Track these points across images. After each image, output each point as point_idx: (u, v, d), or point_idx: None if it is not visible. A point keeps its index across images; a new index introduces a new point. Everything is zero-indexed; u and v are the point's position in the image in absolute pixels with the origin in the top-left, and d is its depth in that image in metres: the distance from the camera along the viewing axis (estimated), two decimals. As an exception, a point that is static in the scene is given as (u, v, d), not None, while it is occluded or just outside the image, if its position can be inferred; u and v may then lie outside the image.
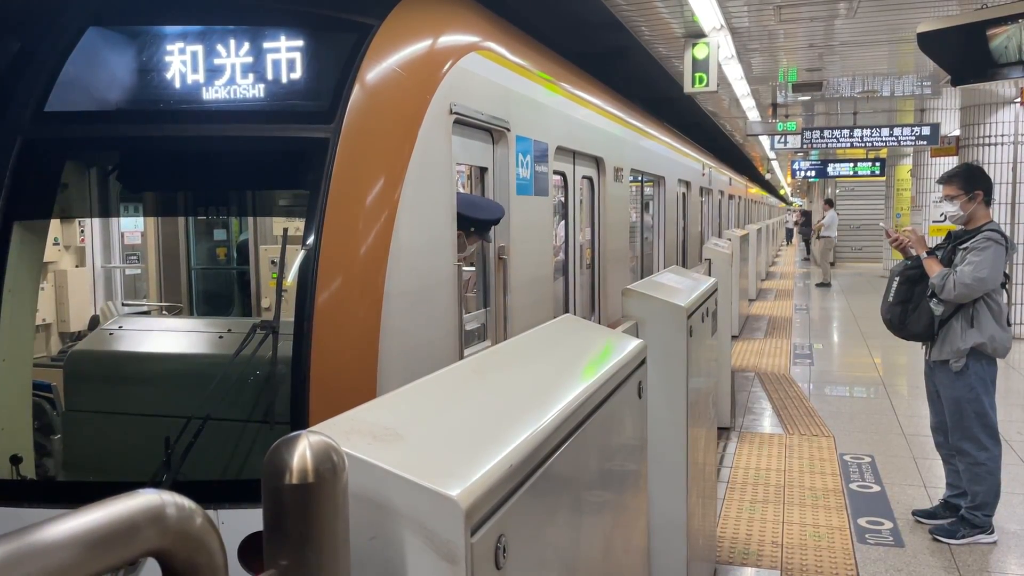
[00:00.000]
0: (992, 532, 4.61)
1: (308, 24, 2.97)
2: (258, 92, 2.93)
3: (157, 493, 0.79)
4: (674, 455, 3.15)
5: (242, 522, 2.45)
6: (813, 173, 20.60)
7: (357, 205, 2.81)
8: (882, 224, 7.11)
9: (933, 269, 4.54)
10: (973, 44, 5.34)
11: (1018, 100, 11.34)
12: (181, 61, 2.97)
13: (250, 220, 5.62)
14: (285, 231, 3.73)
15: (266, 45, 2.94)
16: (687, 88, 8.26)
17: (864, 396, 8.49)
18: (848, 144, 14.90)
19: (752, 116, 14.68)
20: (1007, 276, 4.58)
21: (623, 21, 8.19)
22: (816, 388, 8.79)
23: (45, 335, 5.46)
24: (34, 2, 3.12)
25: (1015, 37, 5.30)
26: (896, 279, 4.74)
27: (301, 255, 2.88)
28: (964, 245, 4.51)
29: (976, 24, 5.22)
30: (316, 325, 2.67)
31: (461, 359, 3.20)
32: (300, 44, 2.93)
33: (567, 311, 5.27)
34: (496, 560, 1.16)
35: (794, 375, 9.35)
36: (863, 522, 4.97)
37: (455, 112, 3.25)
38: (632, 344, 2.29)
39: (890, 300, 4.76)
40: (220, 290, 6.11)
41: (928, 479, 5.67)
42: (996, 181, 11.09)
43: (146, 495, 0.78)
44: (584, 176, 5.64)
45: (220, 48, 2.95)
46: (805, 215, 34.17)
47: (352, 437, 1.13)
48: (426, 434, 1.28)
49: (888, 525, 4.92)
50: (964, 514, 4.64)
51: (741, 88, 11.58)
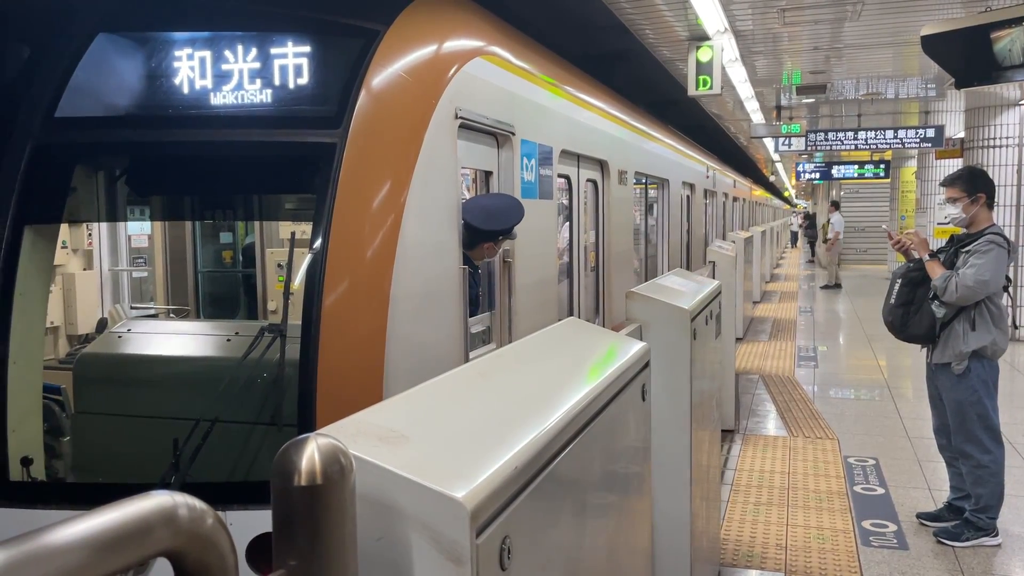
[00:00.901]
0: (996, 535, 4.61)
1: (315, 30, 2.98)
2: (266, 97, 2.94)
3: (169, 494, 0.81)
4: (678, 457, 3.16)
5: (250, 523, 2.45)
6: (817, 175, 20.57)
7: (364, 209, 2.83)
8: (884, 226, 7.14)
9: (935, 271, 4.54)
10: (977, 47, 5.35)
11: (1023, 102, 11.33)
12: (189, 67, 2.97)
13: (256, 224, 5.66)
14: (293, 235, 3.79)
15: (273, 51, 2.95)
16: (691, 91, 8.27)
17: (868, 399, 8.49)
18: (852, 146, 14.90)
19: (756, 118, 14.68)
20: (1009, 279, 4.58)
21: (627, 24, 8.20)
22: (820, 390, 8.78)
23: (53, 338, 5.50)
24: (43, 8, 3.15)
25: (1019, 40, 5.30)
26: (898, 281, 4.74)
27: (308, 258, 2.88)
28: (966, 248, 4.51)
29: (980, 27, 5.22)
30: (323, 328, 2.68)
31: (467, 362, 3.21)
32: (307, 50, 2.94)
33: (571, 314, 5.30)
34: (501, 561, 1.18)
35: (798, 377, 9.35)
36: (867, 525, 4.97)
37: (460, 117, 3.26)
38: (636, 347, 2.31)
39: (892, 302, 4.77)
40: (226, 293, 6.13)
41: (932, 482, 5.66)
42: (1000, 183, 11.09)
43: (159, 496, 0.79)
44: (588, 179, 5.66)
45: (228, 54, 2.96)
46: (809, 217, 34.17)
47: (359, 439, 1.15)
48: (432, 436, 1.29)
49: (892, 528, 4.92)
50: (968, 517, 4.64)
51: (745, 91, 11.59)
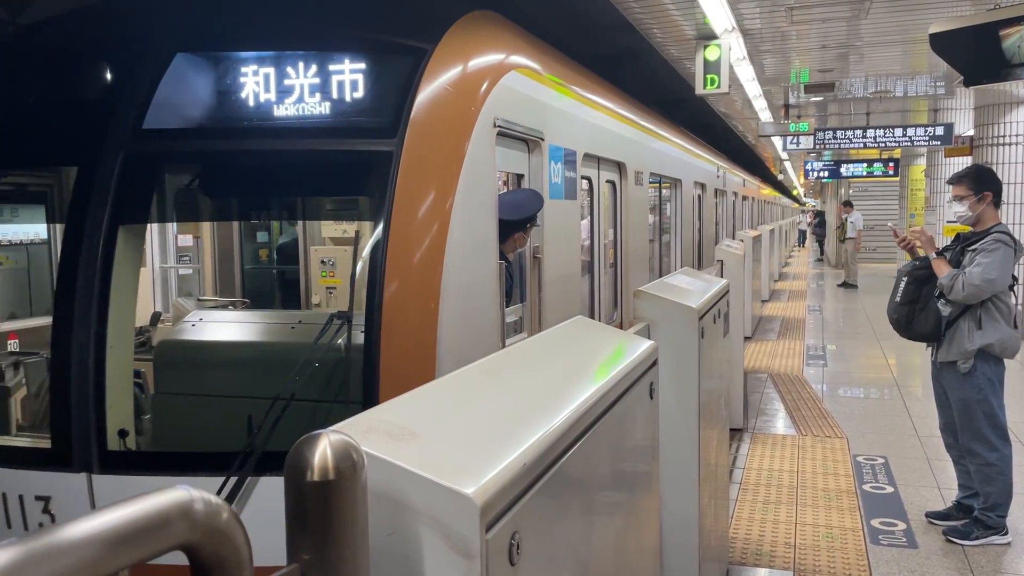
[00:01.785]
0: (1006, 533, 4.60)
1: (372, 49, 3.30)
2: (328, 110, 3.24)
3: (186, 490, 0.82)
4: (686, 455, 3.17)
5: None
6: (826, 174, 20.49)
7: (418, 210, 3.14)
8: (890, 224, 7.15)
9: (942, 270, 4.53)
10: (986, 44, 5.33)
11: (1033, 100, 11.27)
12: (257, 83, 3.28)
13: (299, 224, 6.06)
14: (357, 232, 4.08)
15: (334, 68, 3.24)
16: (699, 90, 8.27)
17: (878, 397, 8.47)
18: (861, 144, 14.85)
19: (764, 117, 14.65)
20: (1015, 278, 4.57)
21: (635, 23, 8.20)
22: (829, 389, 8.77)
23: None
24: (129, 31, 3.52)
25: (1028, 37, 5.28)
26: (904, 279, 4.74)
27: (368, 253, 3.20)
28: (973, 246, 4.50)
29: (988, 24, 5.21)
30: (384, 316, 3.00)
31: (504, 347, 3.51)
32: (364, 67, 3.24)
33: (592, 307, 5.62)
34: (510, 556, 1.19)
35: (807, 376, 9.33)
36: (876, 523, 4.97)
37: (498, 125, 3.58)
38: (644, 345, 2.32)
39: (897, 300, 4.76)
40: (269, 288, 6.49)
41: (942, 480, 5.65)
42: (1010, 181, 11.03)
43: (176, 492, 0.81)
44: (607, 180, 5.96)
45: (292, 71, 3.26)
46: (818, 215, 34.06)
47: (370, 436, 1.16)
48: (441, 433, 1.31)
49: (901, 526, 4.92)
50: (978, 515, 4.63)
51: (753, 89, 11.56)
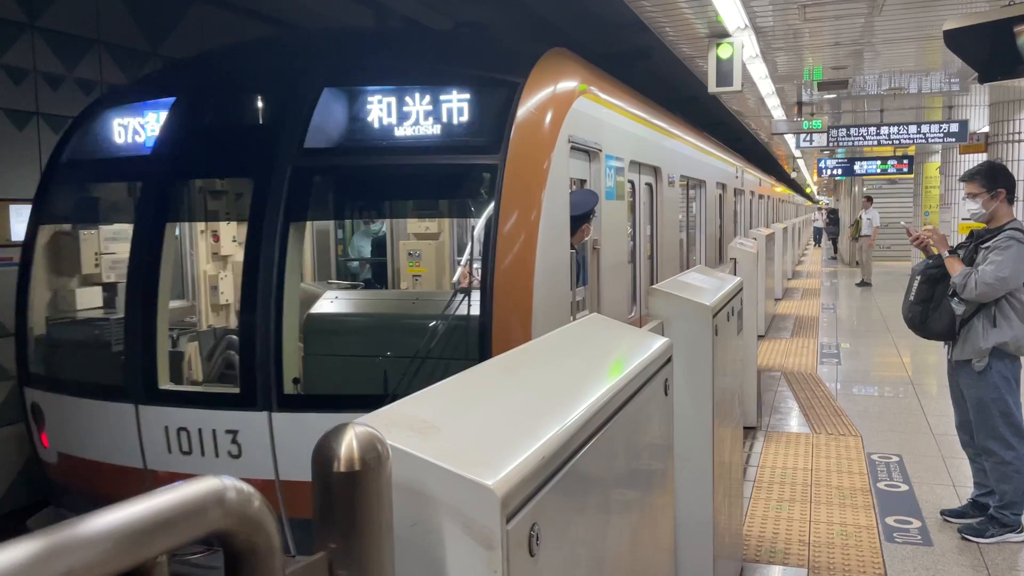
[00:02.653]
0: (1021, 531, 4.59)
1: (478, 83, 4.19)
2: (445, 133, 4.09)
3: (219, 479, 0.85)
4: (700, 453, 3.19)
5: None
6: (840, 171, 20.37)
7: (517, 209, 3.97)
8: (903, 223, 7.19)
9: (955, 268, 4.52)
10: (1000, 41, 5.31)
11: (1048, 96, 11.18)
12: (389, 110, 4.15)
13: (389, 222, 7.10)
14: (474, 229, 5.06)
15: (448, 99, 4.10)
16: (711, 88, 8.26)
17: (892, 395, 8.44)
18: (875, 142, 14.77)
19: (777, 115, 14.60)
20: (1030, 274, 4.54)
21: (647, 22, 8.21)
22: (843, 388, 8.75)
23: (227, 312, 6.12)
24: (287, 72, 4.46)
25: (1043, 33, 5.25)
26: (917, 278, 4.72)
27: (481, 244, 4.08)
28: (986, 244, 4.48)
29: (1003, 21, 5.18)
30: (495, 291, 3.83)
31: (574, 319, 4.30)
32: (472, 98, 4.10)
33: (635, 291, 6.45)
34: (530, 547, 1.22)
35: (821, 374, 9.31)
36: (891, 521, 4.96)
37: (571, 141, 4.43)
38: (658, 343, 2.34)
39: (911, 299, 4.75)
40: (358, 274, 7.51)
41: (957, 478, 5.64)
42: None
43: (210, 480, 0.84)
44: (646, 183, 6.82)
45: (416, 101, 4.12)
46: (832, 213, 33.90)
47: (393, 430, 1.19)
48: (461, 427, 1.33)
49: (916, 524, 4.91)
50: (993, 513, 4.62)
51: (766, 87, 11.53)
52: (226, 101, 4.59)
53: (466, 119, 4.10)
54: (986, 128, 12.94)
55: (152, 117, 4.61)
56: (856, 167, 19.73)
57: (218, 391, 4.46)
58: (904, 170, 19.32)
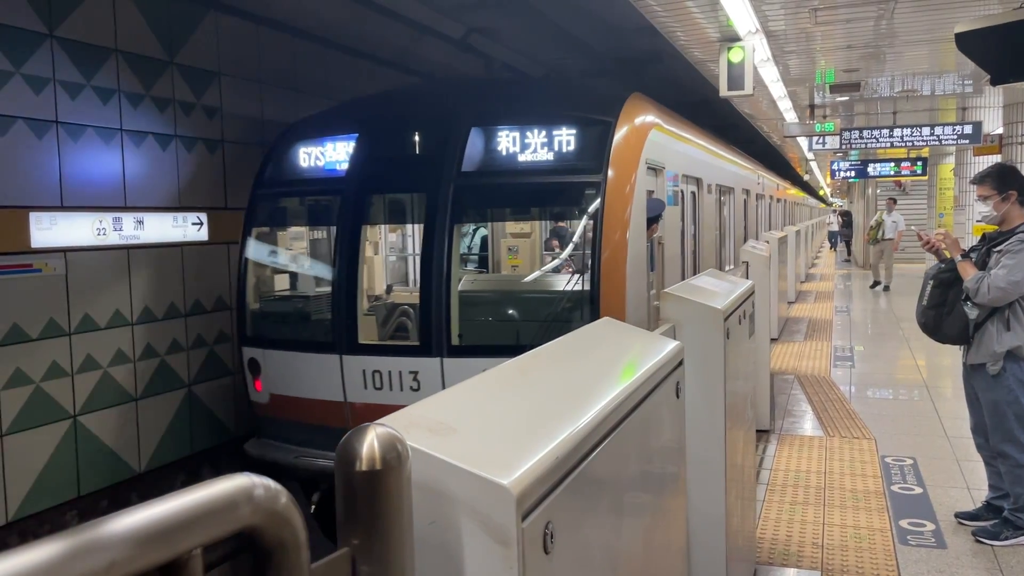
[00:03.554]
0: (1036, 534, 4.58)
1: (584, 122, 5.76)
2: (563, 158, 5.66)
3: (247, 476, 0.90)
4: (713, 455, 3.21)
5: None
6: (853, 174, 20.27)
7: (615, 214, 5.47)
8: (913, 228, 7.25)
9: (967, 272, 4.51)
10: (1012, 43, 5.30)
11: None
12: (519, 142, 5.73)
13: (491, 224, 9.15)
14: (586, 228, 6.44)
15: (560, 133, 5.68)
16: (723, 92, 8.27)
17: (907, 398, 8.42)
18: (888, 144, 14.71)
19: (789, 118, 14.57)
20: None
21: (659, 27, 8.23)
22: (857, 391, 8.73)
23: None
24: (446, 116, 6.01)
25: (1056, 35, 5.23)
26: (930, 282, 4.72)
27: (591, 239, 5.60)
28: (998, 247, 4.48)
29: (1015, 23, 5.17)
30: (601, 272, 5.38)
31: (648, 298, 5.74)
32: (580, 132, 5.68)
33: (683, 276, 7.63)
34: (544, 545, 1.26)
35: (835, 377, 9.30)
36: (905, 524, 4.96)
37: (647, 163, 5.96)
38: (670, 346, 2.37)
39: (924, 304, 4.74)
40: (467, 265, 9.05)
41: (971, 481, 5.62)
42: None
43: (239, 478, 0.88)
44: (691, 191, 8.29)
45: (540, 135, 5.69)
46: (845, 215, 33.75)
47: (412, 431, 1.23)
48: (478, 429, 1.37)
49: (930, 527, 4.91)
50: (1007, 516, 4.61)
51: (777, 90, 11.52)
52: (401, 136, 6.14)
53: (575, 148, 5.67)
54: (1000, 129, 12.88)
55: (341, 147, 6.19)
56: (869, 169, 19.63)
57: (403, 344, 6.13)
58: (910, 172, 19.12)
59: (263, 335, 6.44)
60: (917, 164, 19.06)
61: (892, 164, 19.33)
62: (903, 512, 5.15)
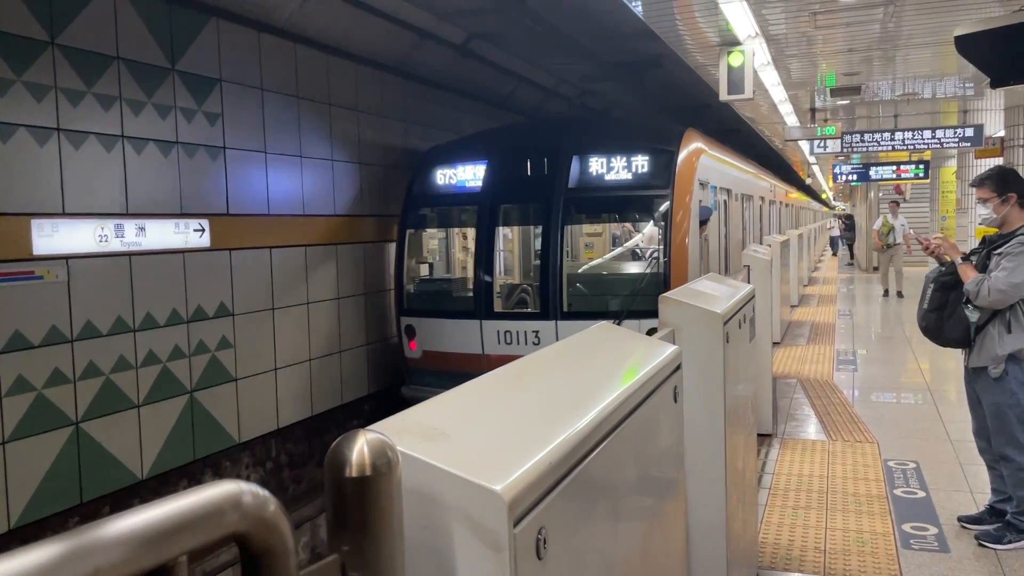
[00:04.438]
0: (1040, 537, 4.56)
1: (655, 151, 8.00)
2: (640, 177, 7.96)
3: (235, 483, 0.89)
4: (713, 460, 3.20)
5: (642, 327, 6.68)
6: (855, 177, 20.26)
7: (679, 218, 7.66)
8: (912, 231, 7.43)
9: (967, 275, 4.50)
10: (1012, 46, 5.30)
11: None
12: (608, 166, 8.04)
13: (568, 227, 10.26)
14: (655, 231, 9.12)
15: (638, 159, 7.99)
16: (723, 96, 8.28)
17: (910, 402, 8.40)
18: (890, 147, 14.71)
19: (790, 121, 14.58)
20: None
21: (659, 32, 8.24)
22: (861, 394, 8.71)
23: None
24: (552, 144, 8.31)
25: (1056, 37, 5.22)
26: (931, 285, 4.71)
27: (651, 236, 9.47)
28: (999, 250, 4.47)
29: (1014, 26, 5.17)
30: (672, 257, 7.63)
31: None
32: (652, 159, 7.96)
33: (720, 265, 9.87)
34: (537, 551, 1.25)
35: (837, 381, 9.28)
36: (908, 528, 4.95)
37: (699, 181, 8.12)
38: (668, 350, 2.36)
39: (925, 307, 4.73)
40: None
41: (975, 485, 5.61)
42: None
43: (226, 484, 0.88)
44: (723, 200, 10.44)
45: (624, 160, 7.99)
46: (848, 219, 33.73)
47: (404, 436, 1.23)
48: (471, 434, 1.37)
49: (933, 531, 4.89)
50: (1010, 519, 4.59)
51: (778, 94, 11.53)
52: (522, 162, 8.35)
53: (648, 170, 7.97)
54: (1002, 132, 12.87)
55: (472, 170, 8.61)
56: (872, 172, 19.62)
57: (527, 311, 8.41)
58: (908, 175, 19.03)
59: (417, 308, 8.85)
60: (919, 167, 19.02)
61: (894, 167, 19.29)
62: (906, 516, 5.13)
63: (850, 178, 20.31)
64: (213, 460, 7.58)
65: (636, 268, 9.29)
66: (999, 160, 12.71)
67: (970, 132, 13.89)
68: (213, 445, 7.55)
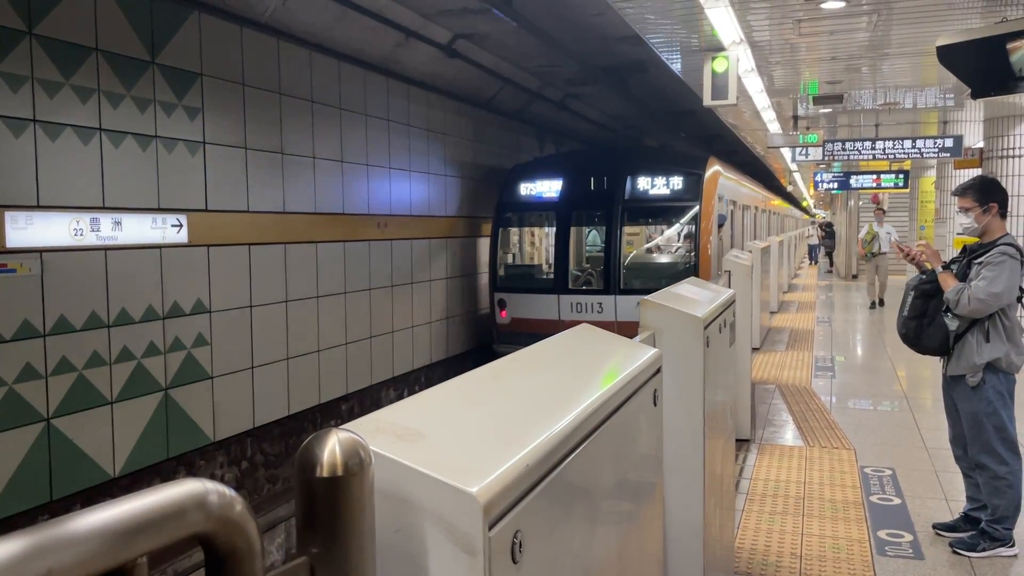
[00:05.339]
0: (1012, 545, 4.59)
1: (686, 173, 11.66)
2: (676, 192, 11.63)
3: (201, 482, 0.86)
4: (691, 464, 3.19)
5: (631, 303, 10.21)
6: (836, 185, 20.41)
7: (706, 224, 11.31)
8: (893, 239, 7.74)
9: (948, 284, 4.53)
10: (993, 57, 5.35)
11: (1042, 112, 11.24)
12: (653, 183, 11.82)
13: (617, 228, 12.67)
14: (683, 233, 12.66)
15: (674, 179, 11.69)
16: (706, 101, 8.30)
17: (887, 409, 8.45)
18: (870, 156, 14.83)
19: (773, 128, 14.67)
20: (1023, 290, 4.56)
21: (643, 35, 8.25)
22: (838, 401, 8.76)
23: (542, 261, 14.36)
24: (612, 166, 12.04)
25: (1036, 50, 5.28)
26: (911, 293, 4.74)
27: (695, 236, 11.51)
28: (979, 259, 4.50)
29: (996, 37, 5.22)
30: (699, 251, 11.22)
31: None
32: (685, 179, 11.64)
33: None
34: (512, 554, 1.23)
35: (815, 388, 9.32)
36: (883, 534, 4.97)
37: (718, 196, 11.78)
38: (648, 353, 2.35)
39: (905, 314, 4.76)
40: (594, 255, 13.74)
41: (950, 492, 5.64)
42: (1018, 193, 11.00)
43: (191, 483, 0.85)
44: (731, 209, 12.93)
45: (664, 179, 11.74)
46: (827, 226, 33.98)
47: (377, 436, 1.20)
48: (446, 434, 1.34)
49: (908, 538, 4.91)
50: (984, 527, 4.62)
51: (761, 101, 11.60)
52: (589, 179, 11.92)
53: (682, 187, 11.43)
54: (981, 143, 13.01)
55: (549, 183, 12.16)
56: (852, 181, 19.78)
57: (593, 288, 11.70)
58: (888, 184, 19.19)
59: (507, 286, 12.16)
60: (899, 177, 19.19)
61: (874, 176, 19.45)
62: (881, 523, 5.15)
63: (831, 186, 20.46)
64: (230, 452, 7.50)
65: (673, 258, 12.41)
66: (978, 171, 12.84)
67: (950, 143, 14.04)
68: (237, 426, 7.48)
